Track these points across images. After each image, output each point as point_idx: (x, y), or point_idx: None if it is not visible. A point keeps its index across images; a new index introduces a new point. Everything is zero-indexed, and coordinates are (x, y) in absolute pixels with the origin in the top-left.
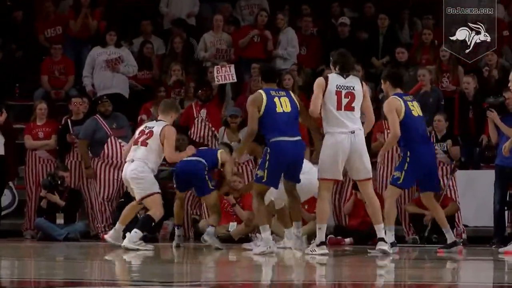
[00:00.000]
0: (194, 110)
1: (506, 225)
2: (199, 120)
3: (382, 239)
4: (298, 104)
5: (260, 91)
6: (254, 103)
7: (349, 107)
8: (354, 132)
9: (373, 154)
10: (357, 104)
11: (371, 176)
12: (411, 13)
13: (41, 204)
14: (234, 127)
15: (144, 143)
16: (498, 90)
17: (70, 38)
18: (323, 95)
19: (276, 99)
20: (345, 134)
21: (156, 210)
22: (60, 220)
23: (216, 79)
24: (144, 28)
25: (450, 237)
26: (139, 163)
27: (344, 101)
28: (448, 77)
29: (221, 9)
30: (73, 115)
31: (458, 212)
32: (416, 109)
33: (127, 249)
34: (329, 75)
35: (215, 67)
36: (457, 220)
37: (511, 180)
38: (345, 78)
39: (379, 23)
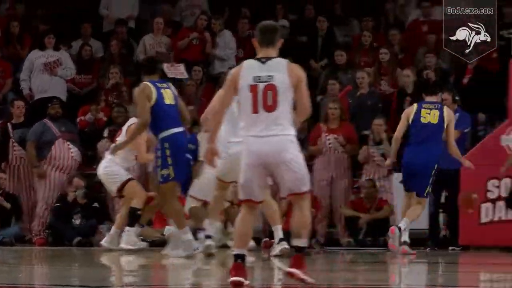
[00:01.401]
0: None
1: (441, 227)
2: None
3: (283, 239)
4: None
5: (146, 82)
6: (144, 93)
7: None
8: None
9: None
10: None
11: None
12: (347, 12)
13: None
14: None
15: (115, 141)
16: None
17: None
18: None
19: (162, 91)
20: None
21: (136, 198)
22: None
23: (169, 73)
24: (84, 31)
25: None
26: (105, 159)
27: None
28: (387, 79)
29: (162, 11)
30: (14, 118)
31: (393, 215)
32: None
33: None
34: None
35: (165, 65)
36: (391, 223)
37: (446, 183)
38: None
39: (318, 25)
